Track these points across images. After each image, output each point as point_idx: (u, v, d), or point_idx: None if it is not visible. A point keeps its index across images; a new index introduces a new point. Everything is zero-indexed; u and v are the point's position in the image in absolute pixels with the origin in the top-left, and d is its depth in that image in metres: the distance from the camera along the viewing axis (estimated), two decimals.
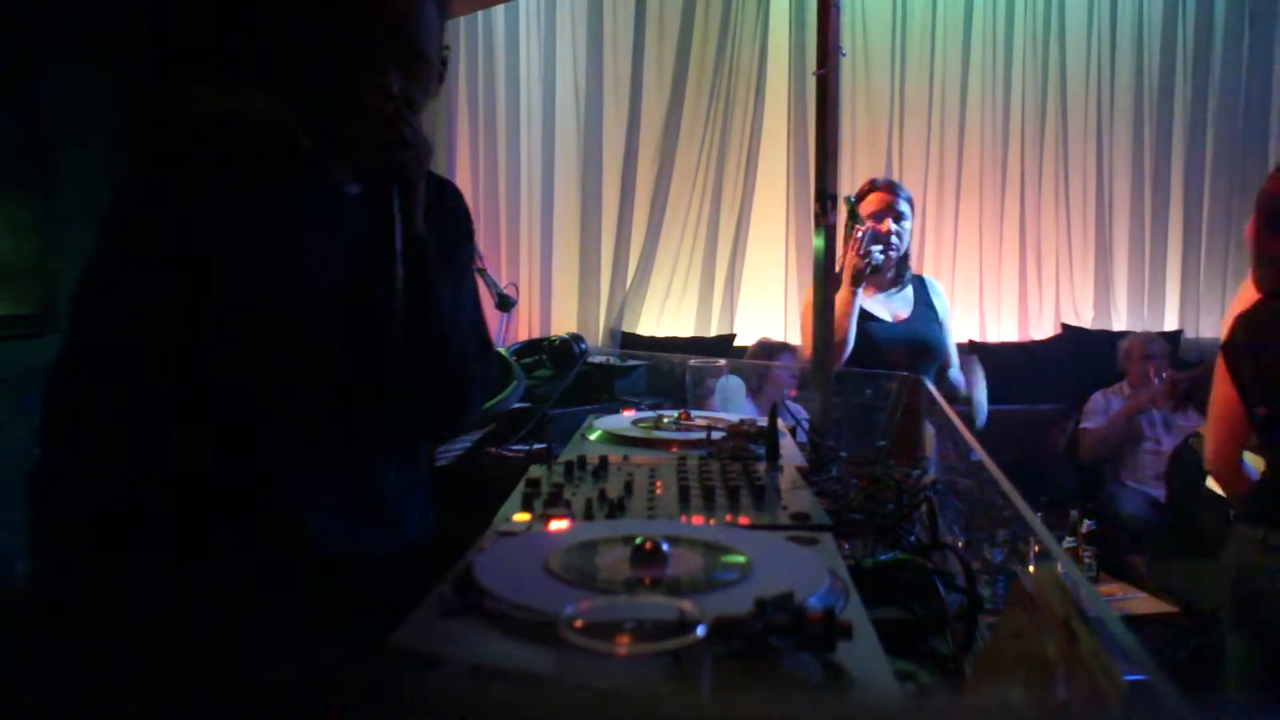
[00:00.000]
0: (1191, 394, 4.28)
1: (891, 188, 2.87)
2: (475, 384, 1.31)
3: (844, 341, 2.70)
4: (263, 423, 1.14)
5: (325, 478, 1.18)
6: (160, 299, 1.08)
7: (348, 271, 1.17)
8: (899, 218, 2.83)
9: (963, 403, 2.98)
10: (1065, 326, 5.45)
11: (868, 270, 2.72)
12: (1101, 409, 4.44)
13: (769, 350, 4.14)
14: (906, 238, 2.88)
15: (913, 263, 3.00)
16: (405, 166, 1.15)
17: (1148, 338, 4.65)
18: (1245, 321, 2.23)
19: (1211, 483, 2.61)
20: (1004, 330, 5.47)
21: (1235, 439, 2.27)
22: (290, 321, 1.15)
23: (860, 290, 2.73)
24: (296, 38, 1.16)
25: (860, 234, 2.73)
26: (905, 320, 2.88)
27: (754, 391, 3.47)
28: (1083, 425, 4.46)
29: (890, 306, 2.89)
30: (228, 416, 1.11)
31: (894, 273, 2.88)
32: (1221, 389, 2.28)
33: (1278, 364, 2.16)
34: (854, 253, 2.72)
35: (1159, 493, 4.08)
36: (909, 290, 2.93)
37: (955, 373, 3.00)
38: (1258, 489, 2.26)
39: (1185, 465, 3.55)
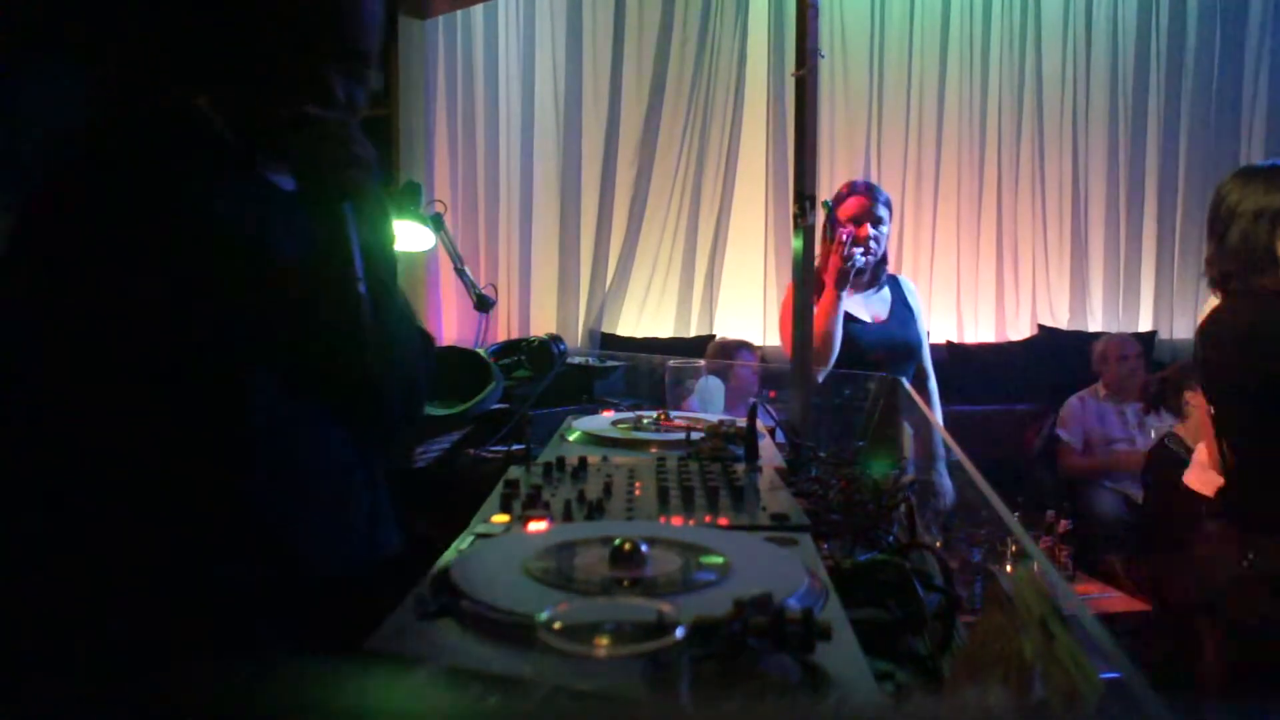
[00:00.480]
0: (1164, 395, 4.32)
1: (870, 191, 2.89)
2: (424, 374, 1.29)
3: (831, 345, 2.71)
4: (222, 426, 1.08)
5: (298, 485, 1.16)
6: (105, 297, 1.02)
7: (301, 274, 1.13)
8: (877, 221, 2.85)
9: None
10: (1041, 327, 5.50)
11: (851, 273, 2.74)
12: (1078, 414, 4.47)
13: (726, 350, 4.16)
14: (885, 241, 2.90)
15: (891, 264, 3.02)
16: (358, 185, 1.11)
17: (1122, 339, 4.70)
18: (1200, 328, 2.29)
19: (1190, 481, 2.64)
20: (981, 331, 5.51)
21: None
22: (240, 322, 1.09)
23: (844, 294, 2.74)
24: (233, 35, 1.08)
25: (845, 237, 2.75)
26: (884, 321, 2.91)
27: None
28: (1058, 431, 4.49)
29: (869, 308, 2.91)
30: (183, 420, 1.05)
31: (870, 275, 2.90)
32: (1198, 396, 2.35)
33: (1218, 361, 2.21)
34: (836, 256, 2.73)
35: (1135, 492, 4.12)
36: (886, 291, 2.95)
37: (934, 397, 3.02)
38: (1221, 485, 2.30)
39: (1162, 464, 3.58)
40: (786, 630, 0.64)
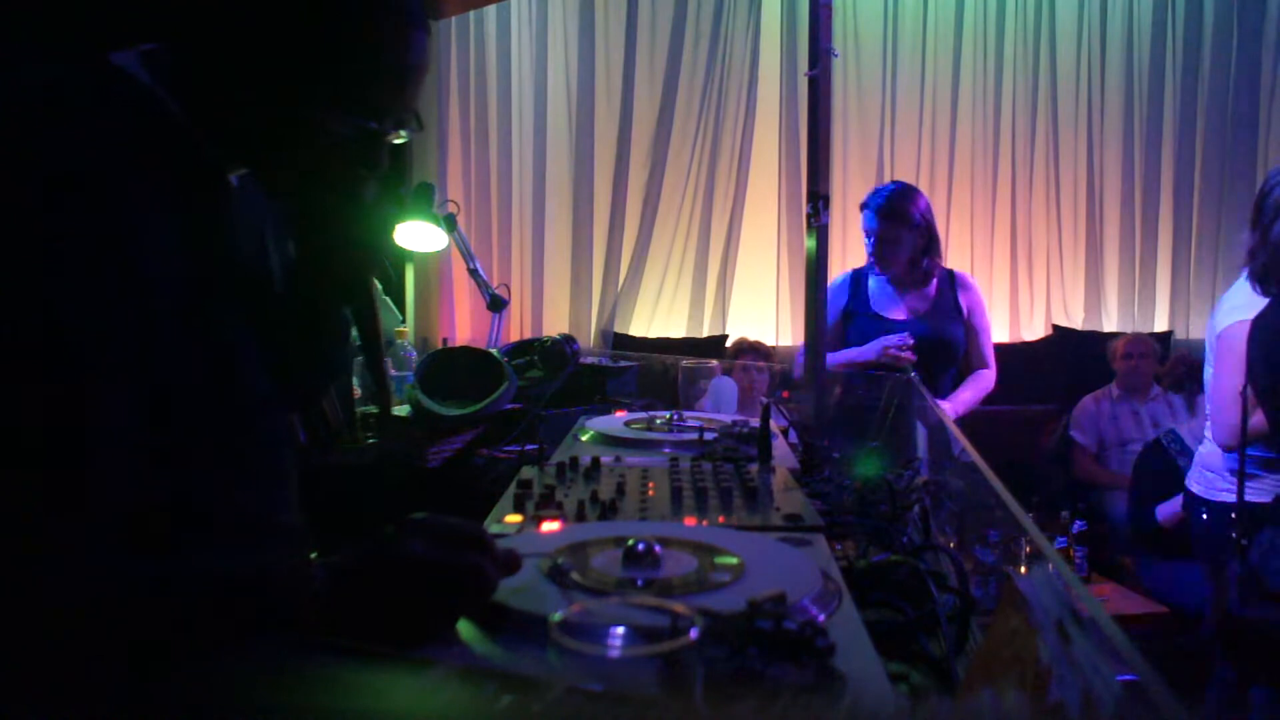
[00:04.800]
0: (1184, 381, 4.29)
1: (877, 202, 2.81)
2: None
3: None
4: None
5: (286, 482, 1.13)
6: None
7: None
8: (890, 234, 2.78)
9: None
10: (1056, 327, 5.47)
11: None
12: (1091, 415, 4.45)
13: (736, 351, 4.19)
14: (905, 248, 2.81)
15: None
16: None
17: (1136, 336, 4.67)
18: (1253, 325, 2.24)
19: (1191, 485, 2.60)
20: (995, 330, 5.47)
21: None
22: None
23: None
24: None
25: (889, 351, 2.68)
26: (922, 316, 2.85)
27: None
28: (1071, 433, 4.47)
29: (908, 303, 2.86)
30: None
31: (915, 271, 2.84)
32: None
33: (1263, 362, 2.18)
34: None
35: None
36: (932, 287, 2.89)
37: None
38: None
39: (1154, 461, 3.57)
40: (791, 645, 0.64)
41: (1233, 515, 2.42)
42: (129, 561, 0.82)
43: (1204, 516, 2.51)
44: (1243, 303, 2.34)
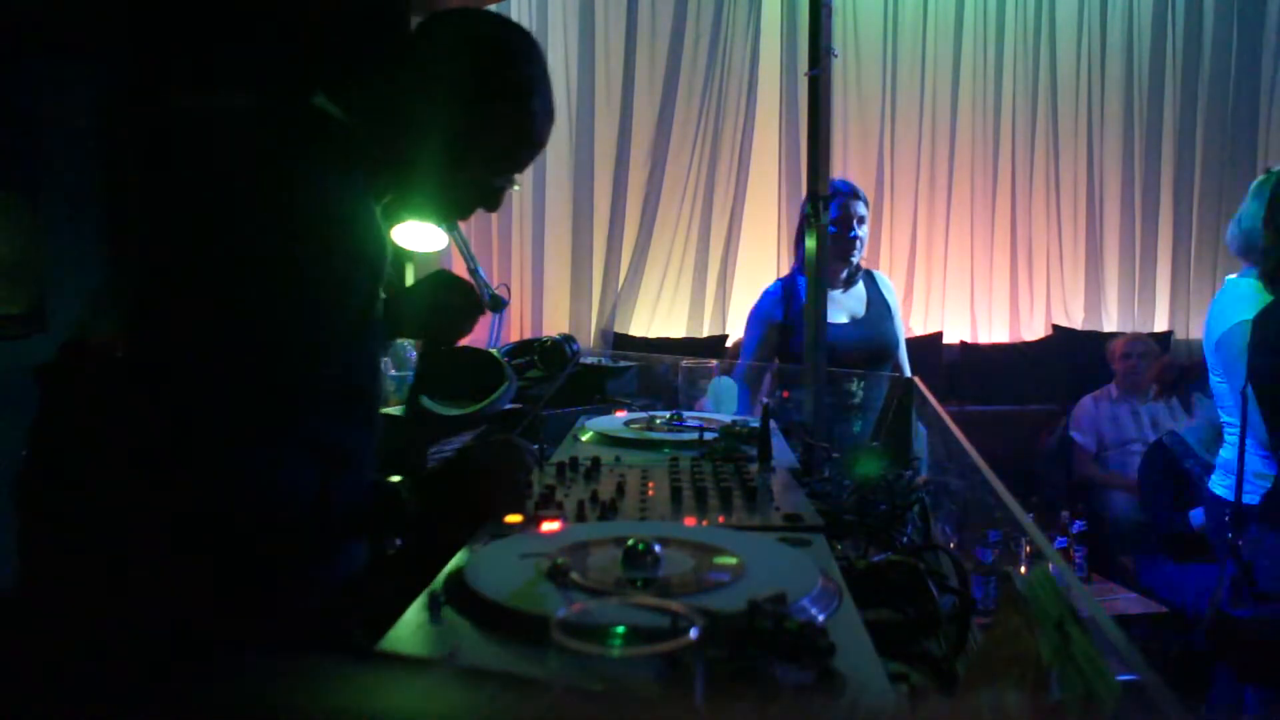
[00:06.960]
0: (1179, 383, 4.29)
1: (851, 191, 2.78)
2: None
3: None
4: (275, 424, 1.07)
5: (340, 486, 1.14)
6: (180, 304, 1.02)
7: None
8: (860, 221, 2.76)
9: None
10: (1056, 327, 5.47)
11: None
12: (1091, 415, 4.45)
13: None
14: (865, 241, 2.81)
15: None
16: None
17: (1134, 336, 4.67)
18: (1255, 321, 2.22)
19: (1215, 487, 2.59)
20: (995, 331, 5.49)
21: None
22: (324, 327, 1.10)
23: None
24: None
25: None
26: (861, 319, 2.79)
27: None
28: (1071, 433, 4.47)
29: (846, 306, 2.81)
30: (233, 424, 1.03)
31: (847, 273, 2.80)
32: None
33: (1268, 361, 2.16)
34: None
35: None
36: (861, 288, 2.84)
37: None
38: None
39: (1157, 461, 3.56)
40: (791, 646, 0.64)
41: (1225, 516, 2.41)
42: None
43: (1228, 520, 2.49)
44: (1235, 305, 2.33)
